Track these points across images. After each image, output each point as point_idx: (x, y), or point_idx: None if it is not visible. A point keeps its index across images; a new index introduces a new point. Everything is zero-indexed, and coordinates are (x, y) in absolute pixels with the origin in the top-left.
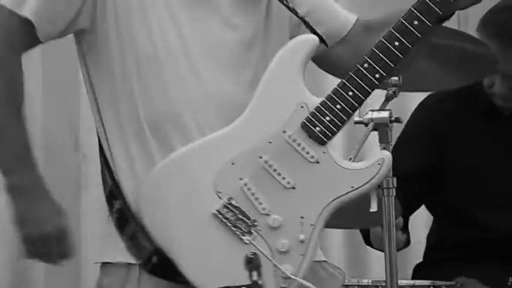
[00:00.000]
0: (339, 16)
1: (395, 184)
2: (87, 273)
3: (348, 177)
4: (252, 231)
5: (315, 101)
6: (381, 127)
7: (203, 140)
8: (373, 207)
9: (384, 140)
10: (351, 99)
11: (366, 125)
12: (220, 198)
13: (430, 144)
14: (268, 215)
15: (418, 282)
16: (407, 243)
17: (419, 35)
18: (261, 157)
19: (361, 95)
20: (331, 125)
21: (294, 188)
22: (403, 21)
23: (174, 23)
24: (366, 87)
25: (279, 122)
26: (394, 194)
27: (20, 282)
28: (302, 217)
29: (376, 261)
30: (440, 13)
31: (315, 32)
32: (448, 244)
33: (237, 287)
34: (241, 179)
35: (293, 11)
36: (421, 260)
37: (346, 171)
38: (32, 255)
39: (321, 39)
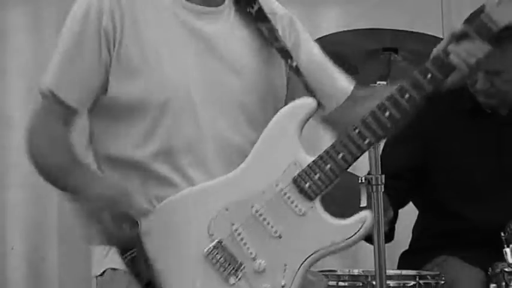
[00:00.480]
0: (338, 84)
1: (383, 181)
2: None
3: (331, 232)
4: (238, 273)
5: (308, 159)
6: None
7: (205, 184)
8: (363, 203)
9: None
10: (340, 161)
11: None
12: (212, 240)
13: (417, 144)
14: (254, 259)
15: (404, 272)
16: (391, 238)
17: (408, 108)
18: (252, 206)
19: (349, 159)
20: (320, 183)
21: (280, 237)
22: (395, 94)
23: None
24: (355, 152)
25: (273, 176)
26: (383, 190)
27: (36, 273)
28: (285, 264)
29: (369, 253)
30: (430, 90)
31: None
32: (432, 234)
33: None
34: (233, 224)
35: (302, 79)
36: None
37: (329, 227)
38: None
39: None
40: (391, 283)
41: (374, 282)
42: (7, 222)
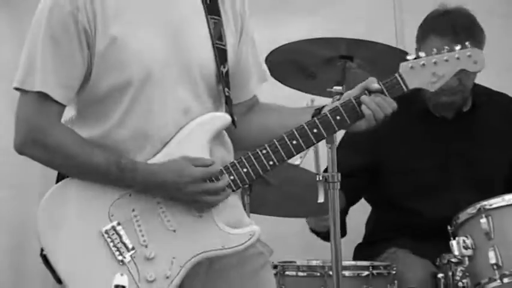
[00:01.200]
0: (249, 84)
1: (339, 179)
2: None
3: (221, 237)
4: (129, 256)
5: (217, 165)
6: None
7: None
8: (320, 199)
9: (329, 141)
10: (243, 176)
11: None
12: (111, 220)
13: (369, 145)
14: (146, 247)
15: (359, 262)
16: (344, 233)
17: (314, 141)
18: (155, 197)
19: (253, 175)
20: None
21: (174, 231)
22: (305, 126)
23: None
24: (259, 170)
25: None
26: (339, 187)
27: (18, 268)
28: (174, 257)
29: (328, 245)
30: (336, 130)
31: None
32: (383, 228)
33: None
34: (133, 210)
35: (222, 87)
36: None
37: (220, 232)
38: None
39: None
40: (346, 273)
41: (331, 273)
42: None
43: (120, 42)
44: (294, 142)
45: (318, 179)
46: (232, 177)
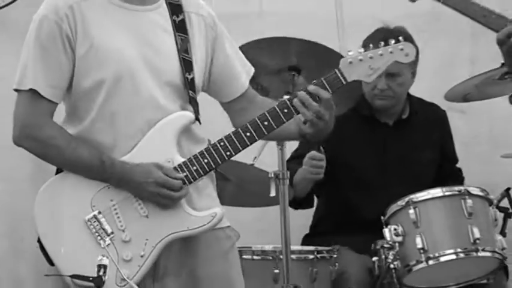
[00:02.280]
0: (238, 81)
1: (288, 176)
2: None
3: (187, 220)
4: (108, 240)
5: (180, 159)
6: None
7: None
8: (272, 193)
9: (280, 143)
10: (204, 165)
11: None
12: (92, 210)
13: (326, 143)
14: (123, 231)
15: (305, 247)
16: (311, 204)
17: (266, 132)
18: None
19: (213, 164)
20: (185, 179)
21: (147, 217)
22: (257, 119)
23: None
24: (217, 160)
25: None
26: (287, 183)
27: (15, 250)
28: (147, 239)
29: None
30: (279, 125)
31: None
32: (328, 221)
33: (86, 277)
34: (111, 200)
35: (192, 92)
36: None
37: (186, 215)
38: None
39: (197, 118)
40: (294, 257)
41: (281, 256)
42: None
43: (97, 47)
44: (248, 134)
45: (269, 176)
46: (195, 168)
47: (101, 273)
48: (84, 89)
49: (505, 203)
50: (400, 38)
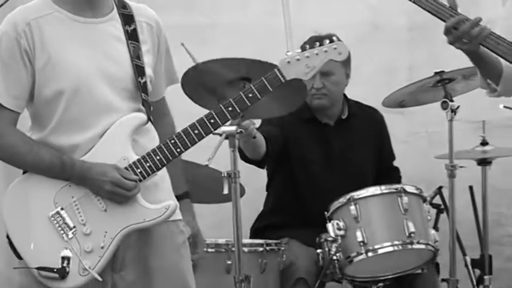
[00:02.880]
0: (159, 88)
1: (239, 175)
2: None
3: (142, 212)
4: (71, 233)
5: (134, 157)
6: (230, 137)
7: None
8: (225, 191)
9: (231, 146)
10: (157, 162)
11: (220, 135)
12: (55, 207)
13: (281, 129)
14: (84, 225)
15: (256, 241)
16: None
17: (212, 129)
18: None
19: (164, 161)
20: (140, 176)
21: (106, 211)
22: (204, 118)
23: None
24: (169, 156)
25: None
26: (239, 182)
27: None
28: (106, 232)
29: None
30: (214, 128)
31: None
32: (277, 215)
33: (51, 269)
34: (72, 197)
35: (144, 94)
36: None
37: (142, 208)
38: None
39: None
40: (245, 249)
41: (233, 249)
42: None
43: (55, 60)
44: (196, 132)
45: (223, 175)
46: (148, 164)
47: (65, 264)
48: (45, 99)
49: (437, 200)
50: (334, 38)
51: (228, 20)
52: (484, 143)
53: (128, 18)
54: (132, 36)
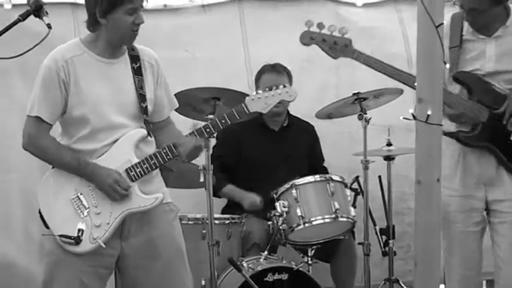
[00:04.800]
0: (163, 110)
1: (212, 168)
2: None
3: (139, 200)
4: (86, 212)
5: (136, 160)
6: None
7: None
8: (201, 179)
9: (206, 147)
10: (152, 165)
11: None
12: (75, 192)
13: (233, 144)
14: (96, 207)
15: (223, 215)
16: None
17: (173, 156)
18: None
19: (157, 164)
20: (138, 174)
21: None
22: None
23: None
24: (161, 160)
25: (116, 165)
26: (212, 172)
27: (26, 222)
28: (111, 212)
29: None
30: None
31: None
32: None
33: (69, 236)
34: (88, 186)
35: (146, 117)
36: None
37: (139, 197)
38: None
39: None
40: (216, 222)
41: (207, 221)
42: None
43: (82, 89)
44: (178, 150)
45: (199, 168)
46: (145, 166)
47: (79, 234)
48: (73, 117)
49: (355, 185)
50: (286, 85)
51: (204, 55)
52: (389, 143)
53: (134, 58)
54: (137, 72)
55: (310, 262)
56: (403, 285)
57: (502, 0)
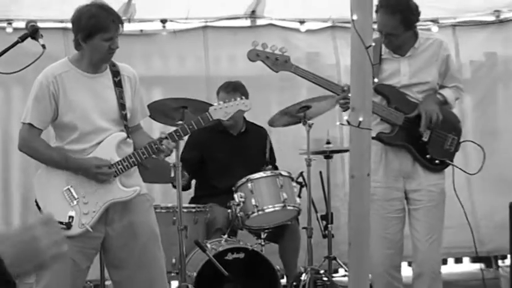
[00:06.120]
0: (135, 118)
1: (181, 164)
2: None
3: (119, 192)
4: (75, 202)
5: (117, 158)
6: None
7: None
8: (172, 175)
9: (175, 147)
10: (130, 162)
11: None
12: (67, 185)
13: (198, 147)
14: (84, 197)
15: (190, 205)
16: (189, 188)
17: (159, 150)
18: None
19: (135, 162)
20: (120, 170)
21: (96, 190)
22: (156, 140)
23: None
24: (138, 159)
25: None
26: (181, 169)
27: (25, 211)
28: (97, 202)
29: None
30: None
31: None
32: (203, 190)
33: (61, 222)
34: (77, 180)
35: (126, 123)
36: None
37: (120, 190)
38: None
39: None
40: (184, 210)
41: (177, 210)
42: None
43: (70, 100)
44: (155, 146)
45: (171, 165)
46: (125, 163)
47: (70, 220)
48: (64, 123)
49: (300, 179)
50: (243, 97)
51: (173, 73)
52: (328, 143)
53: (115, 73)
54: (118, 84)
55: (262, 243)
56: (339, 262)
57: (412, 26)
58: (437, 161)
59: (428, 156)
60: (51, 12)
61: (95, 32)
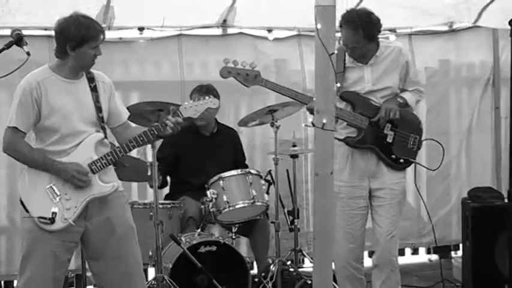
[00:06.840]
0: (121, 116)
1: (158, 163)
2: None
3: (99, 188)
4: (58, 198)
5: (95, 157)
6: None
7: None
8: (149, 173)
9: (152, 147)
10: (109, 159)
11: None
12: (50, 183)
13: (174, 147)
14: (66, 194)
15: (166, 201)
16: (165, 185)
17: (151, 140)
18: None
19: (113, 159)
20: (99, 167)
21: (79, 187)
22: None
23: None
24: (115, 157)
25: (81, 160)
26: (157, 168)
27: (11, 210)
28: (78, 198)
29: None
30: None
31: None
32: (178, 187)
33: (45, 217)
34: (60, 178)
35: (104, 124)
36: None
37: (99, 186)
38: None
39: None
40: (160, 206)
41: (153, 206)
42: None
43: (52, 105)
44: (132, 144)
45: (147, 164)
46: (104, 161)
47: (53, 216)
48: (45, 126)
49: (269, 177)
50: (211, 96)
51: (149, 78)
52: (294, 145)
53: (91, 80)
54: (94, 89)
55: (233, 237)
56: (305, 253)
57: (374, 38)
58: (401, 160)
59: (393, 156)
60: (37, 19)
61: (86, 40)
